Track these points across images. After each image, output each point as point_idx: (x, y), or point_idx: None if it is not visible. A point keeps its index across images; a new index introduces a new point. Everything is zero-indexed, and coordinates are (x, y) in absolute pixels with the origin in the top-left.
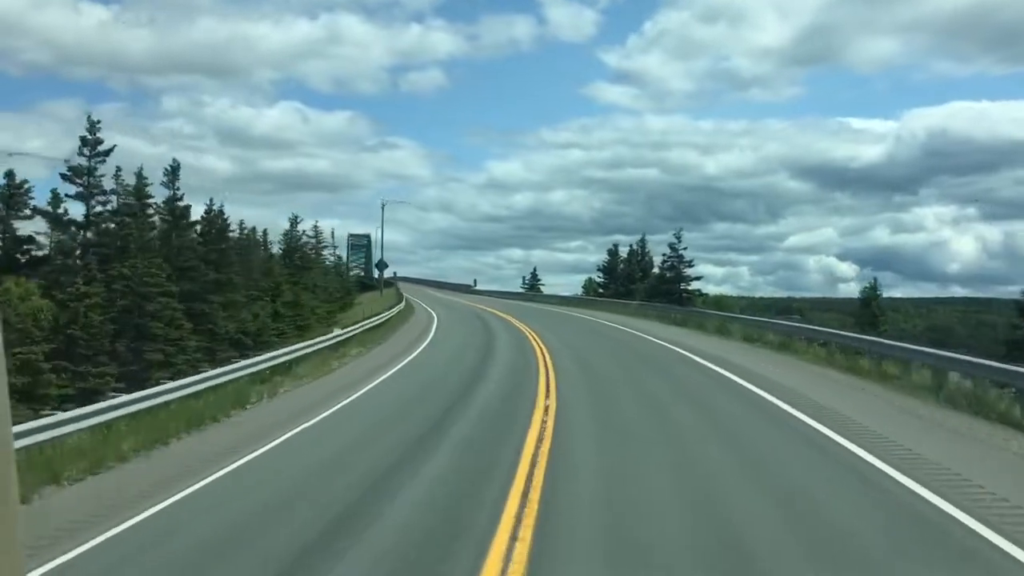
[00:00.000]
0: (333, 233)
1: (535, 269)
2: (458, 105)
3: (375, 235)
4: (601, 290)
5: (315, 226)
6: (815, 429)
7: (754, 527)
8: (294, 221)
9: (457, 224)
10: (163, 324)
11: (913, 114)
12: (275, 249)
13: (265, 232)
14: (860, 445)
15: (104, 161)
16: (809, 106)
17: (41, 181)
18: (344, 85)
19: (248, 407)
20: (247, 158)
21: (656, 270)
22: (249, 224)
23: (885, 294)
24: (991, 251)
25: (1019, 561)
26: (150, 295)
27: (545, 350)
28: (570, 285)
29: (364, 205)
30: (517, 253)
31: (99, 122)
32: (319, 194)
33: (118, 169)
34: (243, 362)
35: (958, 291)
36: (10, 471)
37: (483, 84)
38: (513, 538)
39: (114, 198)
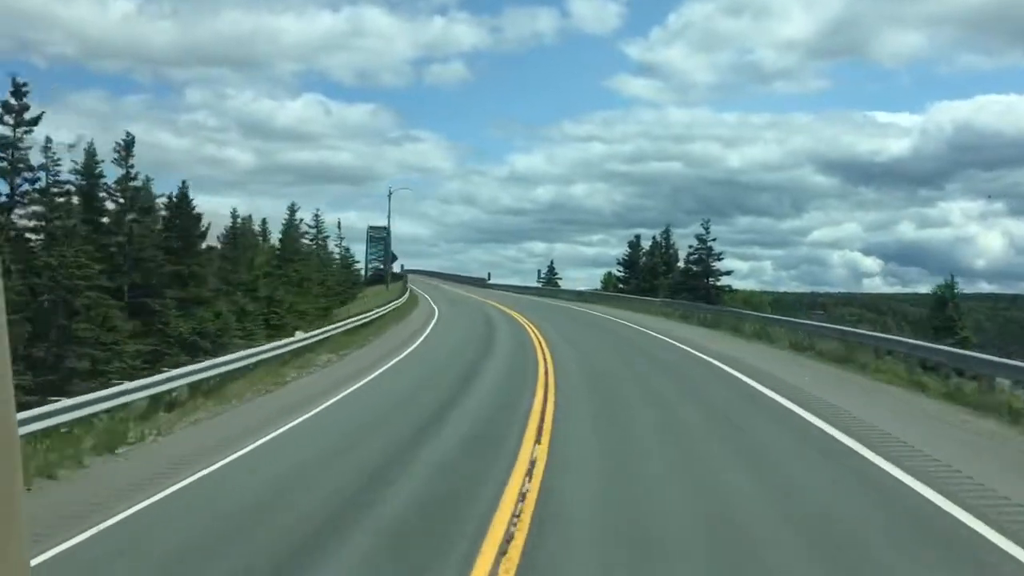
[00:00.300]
0: (340, 224)
1: (552, 263)
2: (481, 98)
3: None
4: (621, 285)
5: (316, 216)
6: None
7: None
8: (292, 209)
9: (479, 217)
10: (95, 325)
11: (939, 108)
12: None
13: (264, 222)
14: None
15: (31, 131)
16: (834, 99)
17: None
18: (367, 78)
19: (117, 453)
20: (269, 150)
21: (681, 263)
22: (271, 216)
23: (909, 289)
24: (1019, 246)
25: None
26: (78, 289)
27: (549, 359)
28: (591, 279)
29: (387, 198)
30: (539, 246)
31: (26, 85)
32: (342, 186)
33: (48, 140)
34: (123, 386)
35: (984, 287)
36: (15, 458)
37: (506, 77)
38: None
39: (43, 175)
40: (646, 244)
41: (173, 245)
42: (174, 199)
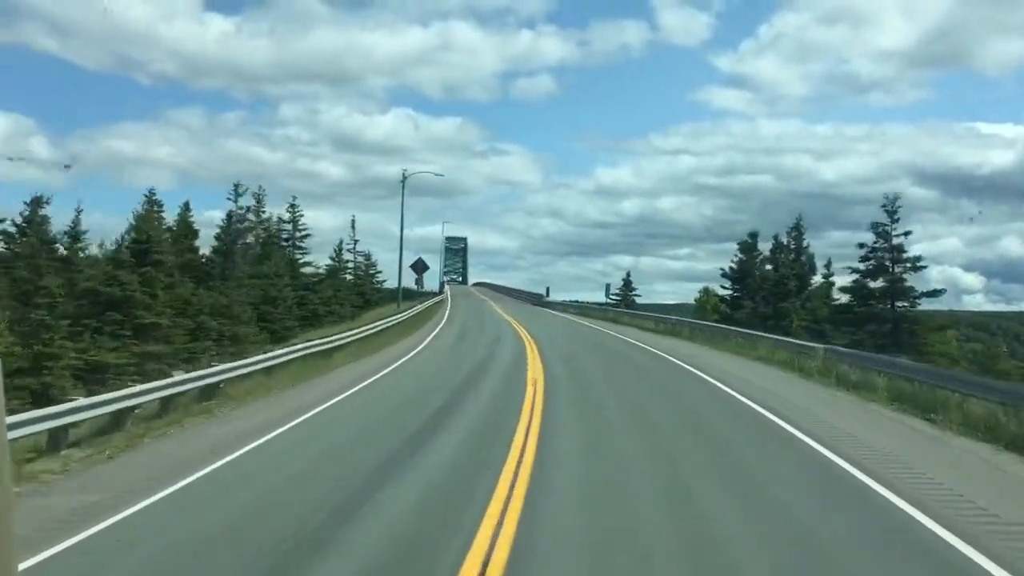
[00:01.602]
0: (354, 223)
1: (629, 275)
2: (567, 111)
3: (474, 238)
4: (725, 306)
5: (292, 207)
6: None
7: None
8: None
9: (565, 230)
10: None
11: None
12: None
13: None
14: None
15: None
16: (933, 110)
17: None
18: (455, 92)
19: None
20: (359, 163)
21: (821, 276)
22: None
23: (1014, 307)
24: None
25: None
26: None
27: None
28: (679, 293)
29: (474, 210)
30: (625, 260)
31: None
32: (429, 199)
33: None
34: None
35: None
36: (4, 462)
37: (593, 90)
38: None
39: None
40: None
41: None
42: None
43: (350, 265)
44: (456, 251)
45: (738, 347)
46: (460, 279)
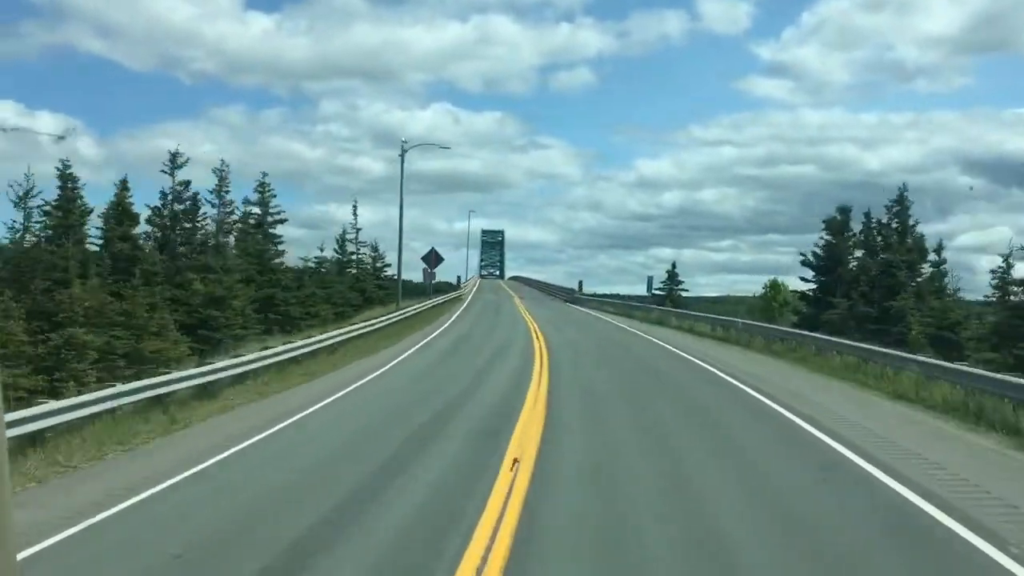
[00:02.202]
0: (355, 209)
1: (673, 266)
2: (607, 103)
3: (515, 231)
4: (806, 304)
5: (261, 185)
6: None
7: None
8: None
9: (605, 223)
10: None
11: None
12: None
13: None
14: None
15: None
16: (982, 96)
17: None
18: (494, 86)
19: None
20: (399, 158)
21: (933, 256)
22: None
23: None
24: None
25: None
26: None
27: None
28: (721, 286)
29: (514, 205)
30: (666, 252)
31: None
32: (471, 194)
33: None
34: None
35: None
36: (2, 460)
37: (632, 81)
38: None
39: None
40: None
41: None
42: None
43: (355, 257)
44: (493, 244)
45: (851, 372)
46: (498, 273)
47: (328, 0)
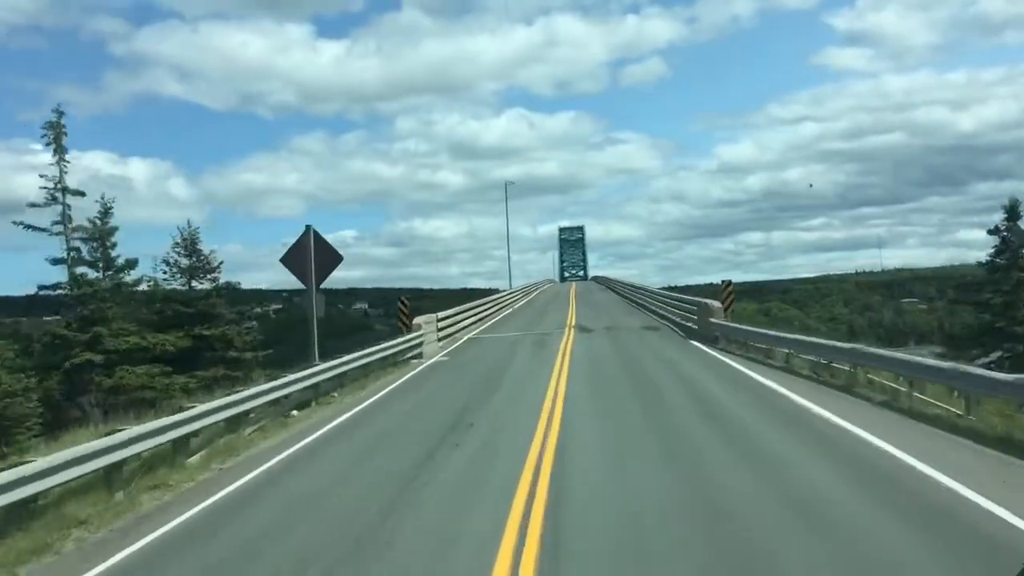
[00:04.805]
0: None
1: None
2: (681, 92)
3: (598, 230)
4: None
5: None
6: None
7: None
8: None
9: (690, 213)
10: None
11: None
12: None
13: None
14: None
15: None
16: None
17: None
18: (565, 86)
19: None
20: (478, 169)
21: None
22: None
23: None
24: None
25: None
26: None
27: None
28: (815, 265)
29: (594, 203)
30: (755, 236)
31: None
32: (550, 197)
33: None
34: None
35: None
36: None
37: (704, 67)
38: None
39: None
40: None
41: None
42: None
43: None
44: (573, 242)
45: None
46: (581, 274)
47: (393, 19)
